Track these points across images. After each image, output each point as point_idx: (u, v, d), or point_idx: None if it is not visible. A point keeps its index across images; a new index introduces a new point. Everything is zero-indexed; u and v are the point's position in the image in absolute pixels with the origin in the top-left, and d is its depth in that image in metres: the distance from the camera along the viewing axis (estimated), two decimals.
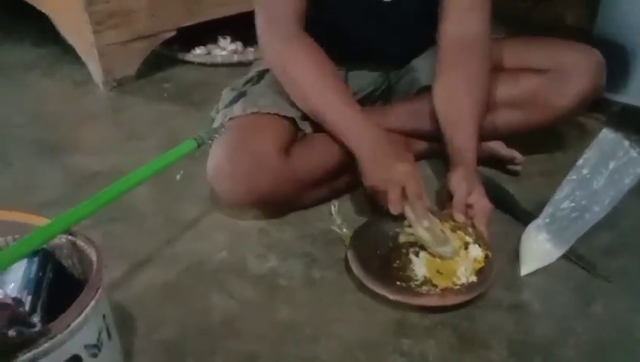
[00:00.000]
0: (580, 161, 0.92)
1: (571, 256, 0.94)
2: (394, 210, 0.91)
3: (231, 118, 1.03)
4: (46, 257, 0.67)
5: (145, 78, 1.63)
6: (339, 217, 1.00)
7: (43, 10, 1.68)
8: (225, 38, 1.78)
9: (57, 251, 0.70)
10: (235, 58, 1.72)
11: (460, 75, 1.04)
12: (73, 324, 0.58)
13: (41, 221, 0.69)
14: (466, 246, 0.92)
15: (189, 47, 1.75)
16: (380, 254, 0.93)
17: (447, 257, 0.89)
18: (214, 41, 1.79)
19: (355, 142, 0.97)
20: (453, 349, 0.80)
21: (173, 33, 1.63)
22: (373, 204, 1.00)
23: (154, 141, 1.33)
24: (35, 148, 1.31)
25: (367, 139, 0.96)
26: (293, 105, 1.04)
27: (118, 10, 1.50)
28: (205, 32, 1.74)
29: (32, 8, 1.73)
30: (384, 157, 0.93)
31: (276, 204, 1.03)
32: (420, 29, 1.11)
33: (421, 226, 0.90)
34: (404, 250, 0.93)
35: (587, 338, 0.82)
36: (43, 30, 1.76)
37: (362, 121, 0.98)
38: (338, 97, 0.99)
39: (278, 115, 1.02)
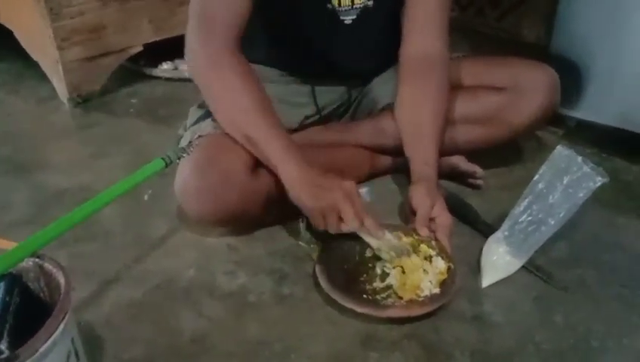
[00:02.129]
0: (537, 177, 0.96)
1: (530, 268, 0.98)
2: (334, 232, 0.92)
3: (199, 136, 1.04)
4: (13, 281, 0.66)
5: (111, 94, 1.63)
6: (307, 233, 1.02)
7: (6, 26, 1.66)
8: None
9: (24, 274, 0.70)
10: None
11: (420, 92, 1.08)
12: (41, 349, 0.58)
13: (7, 244, 0.69)
14: (430, 258, 0.94)
15: (155, 62, 1.75)
16: (347, 268, 0.95)
17: (404, 257, 0.92)
18: (181, 56, 1.78)
19: (281, 169, 0.94)
20: (418, 360, 0.82)
21: (139, 48, 1.63)
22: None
23: (121, 157, 1.32)
24: (1, 167, 1.29)
25: (294, 166, 0.93)
26: None
27: (83, 26, 1.50)
28: (172, 47, 1.74)
29: None
30: (312, 185, 0.91)
31: (244, 221, 1.04)
32: (382, 47, 1.14)
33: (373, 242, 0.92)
34: (370, 264, 0.95)
35: (547, 347, 0.85)
36: (4, 45, 1.73)
37: (289, 149, 0.94)
38: (265, 123, 0.95)
39: None
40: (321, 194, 0.90)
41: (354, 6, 1.07)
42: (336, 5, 1.07)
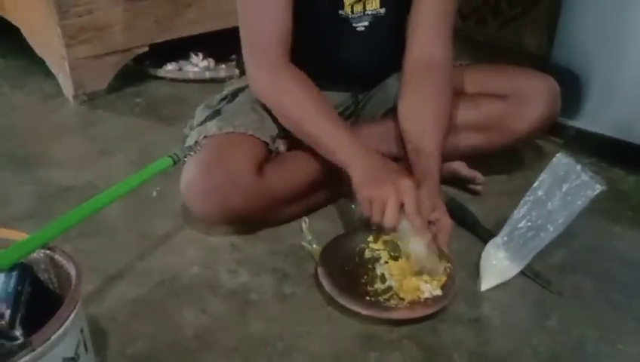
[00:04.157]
0: (536, 183, 0.98)
1: (528, 273, 0.99)
2: (389, 222, 0.91)
3: (206, 136, 1.05)
4: (24, 271, 0.67)
5: (116, 93, 1.64)
6: (309, 233, 1.03)
7: (13, 22, 1.67)
8: (197, 55, 1.79)
9: (35, 265, 0.71)
10: (207, 75, 1.74)
11: (423, 97, 1.09)
12: (53, 337, 0.60)
13: (19, 235, 0.70)
14: None
15: (160, 63, 1.76)
16: (348, 270, 0.97)
17: (438, 275, 0.93)
18: (186, 57, 1.81)
19: (351, 161, 0.98)
20: (417, 361, 0.84)
21: (145, 48, 1.64)
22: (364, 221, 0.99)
23: (125, 156, 1.33)
24: (5, 162, 1.30)
25: (363, 159, 0.98)
26: (267, 126, 1.07)
27: (90, 24, 1.51)
28: (177, 48, 1.76)
29: (0, 19, 1.71)
30: (383, 172, 0.96)
31: (248, 221, 1.06)
32: (390, 53, 1.16)
33: (421, 241, 0.92)
34: (370, 266, 0.97)
35: (543, 350, 0.87)
36: (10, 41, 1.74)
37: (357, 144, 1.01)
38: (330, 123, 1.02)
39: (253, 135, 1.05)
40: (376, 184, 0.94)
41: (365, 12, 1.09)
42: (349, 13, 1.09)
